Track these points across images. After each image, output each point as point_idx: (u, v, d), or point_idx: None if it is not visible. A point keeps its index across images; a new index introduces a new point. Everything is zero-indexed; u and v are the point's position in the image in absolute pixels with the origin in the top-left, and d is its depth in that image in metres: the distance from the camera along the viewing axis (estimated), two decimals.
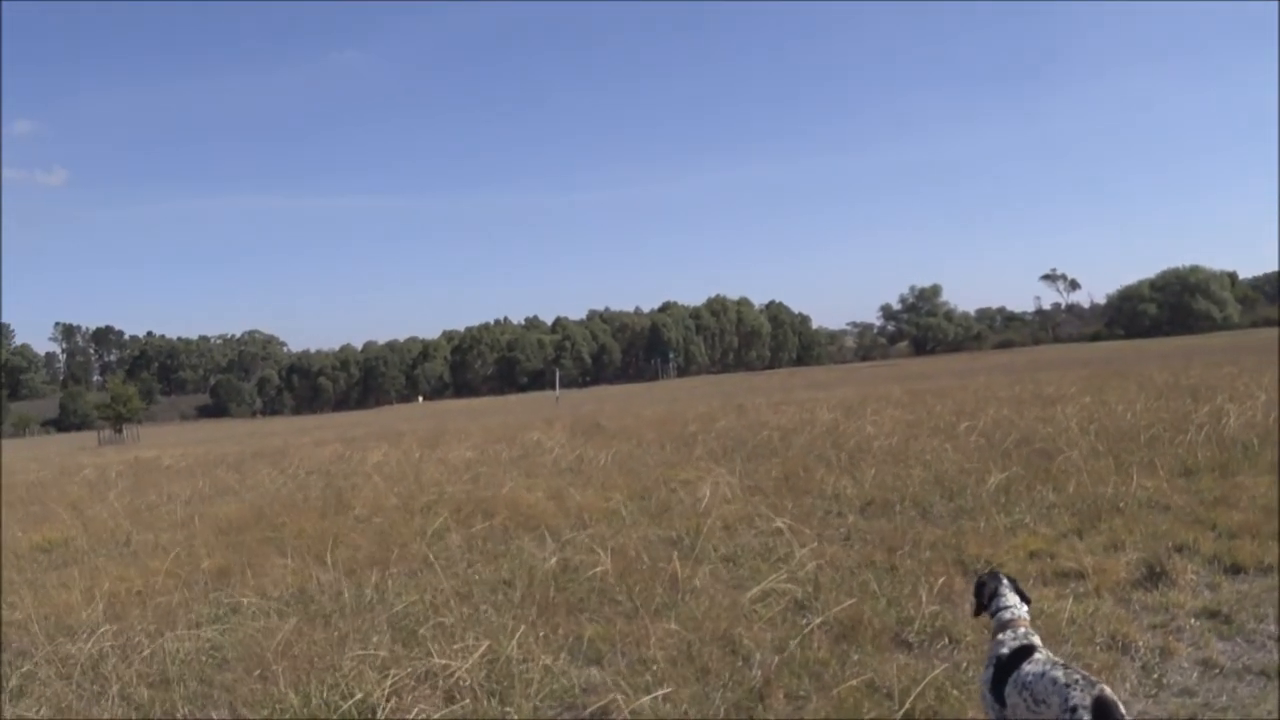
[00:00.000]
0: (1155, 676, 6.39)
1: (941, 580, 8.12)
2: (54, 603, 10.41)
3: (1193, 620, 7.31)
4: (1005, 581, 5.23)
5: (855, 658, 6.84)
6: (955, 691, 6.09)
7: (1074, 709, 4.18)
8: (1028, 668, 4.59)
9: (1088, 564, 8.47)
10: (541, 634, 7.77)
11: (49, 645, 8.56)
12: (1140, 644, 6.85)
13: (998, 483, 12.00)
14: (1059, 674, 4.41)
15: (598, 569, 9.33)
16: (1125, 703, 6.06)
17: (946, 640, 7.08)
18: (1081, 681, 4.28)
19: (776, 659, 6.85)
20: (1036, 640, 4.88)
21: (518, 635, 7.36)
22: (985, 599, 5.25)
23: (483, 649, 7.09)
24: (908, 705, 5.96)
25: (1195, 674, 6.45)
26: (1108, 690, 4.24)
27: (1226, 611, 7.41)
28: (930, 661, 6.67)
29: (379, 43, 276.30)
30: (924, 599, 7.64)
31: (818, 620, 7.43)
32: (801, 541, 9.83)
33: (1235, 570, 8.34)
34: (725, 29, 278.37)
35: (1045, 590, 8.03)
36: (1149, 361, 46.50)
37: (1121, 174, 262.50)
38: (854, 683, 6.32)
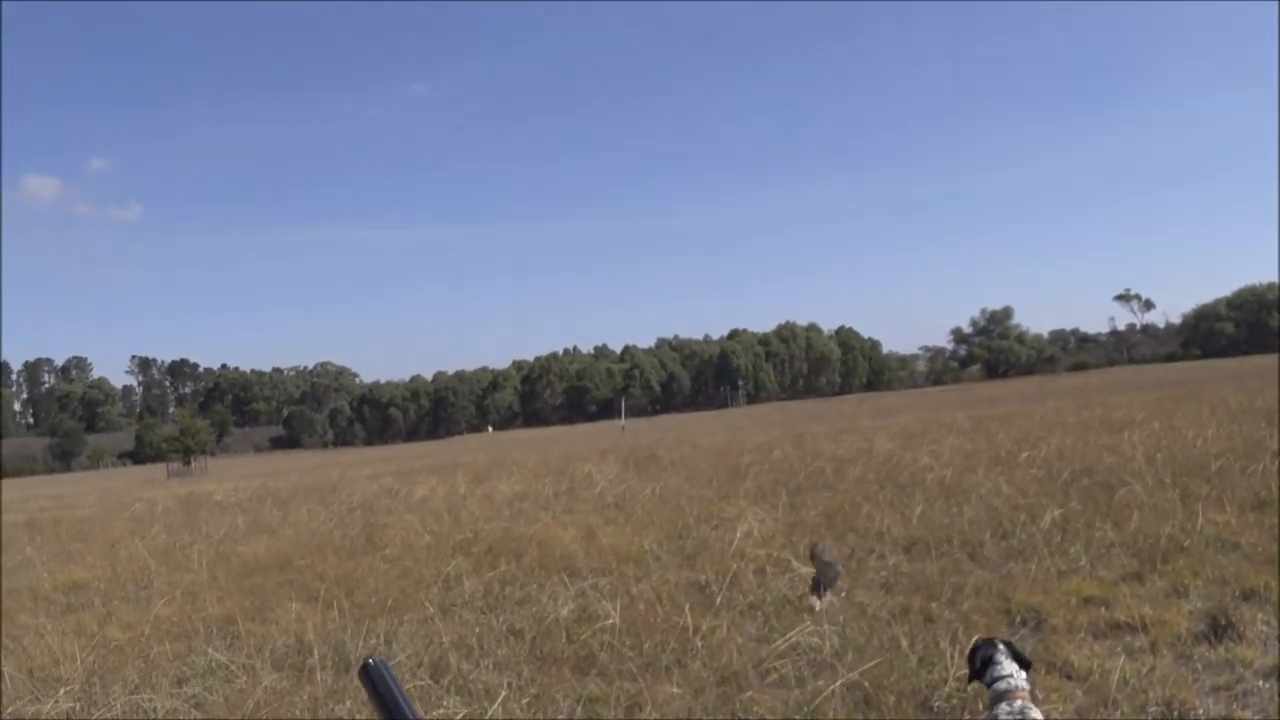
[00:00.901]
0: None
1: (977, 636, 7.36)
2: (49, 652, 9.89)
3: (1260, 682, 6.49)
4: (1001, 647, 4.75)
5: None
6: None
7: None
8: None
9: (1146, 614, 7.65)
10: (534, 693, 7.11)
11: (15, 703, 8.04)
12: (1200, 710, 6.04)
13: (1053, 520, 11.16)
14: None
15: (608, 620, 8.63)
16: None
17: (980, 708, 6.32)
18: None
19: None
20: (1036, 714, 4.37)
21: (500, 699, 6.70)
22: (979, 666, 4.72)
23: (460, 717, 6.44)
24: None
25: None
26: None
27: None
28: None
29: (447, 76, 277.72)
30: (954, 658, 6.86)
31: (837, 683, 6.68)
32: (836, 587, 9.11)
33: None
34: (786, 59, 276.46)
35: (1097, 646, 7.22)
36: (1224, 383, 44.86)
37: (1195, 190, 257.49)
38: None
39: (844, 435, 31.61)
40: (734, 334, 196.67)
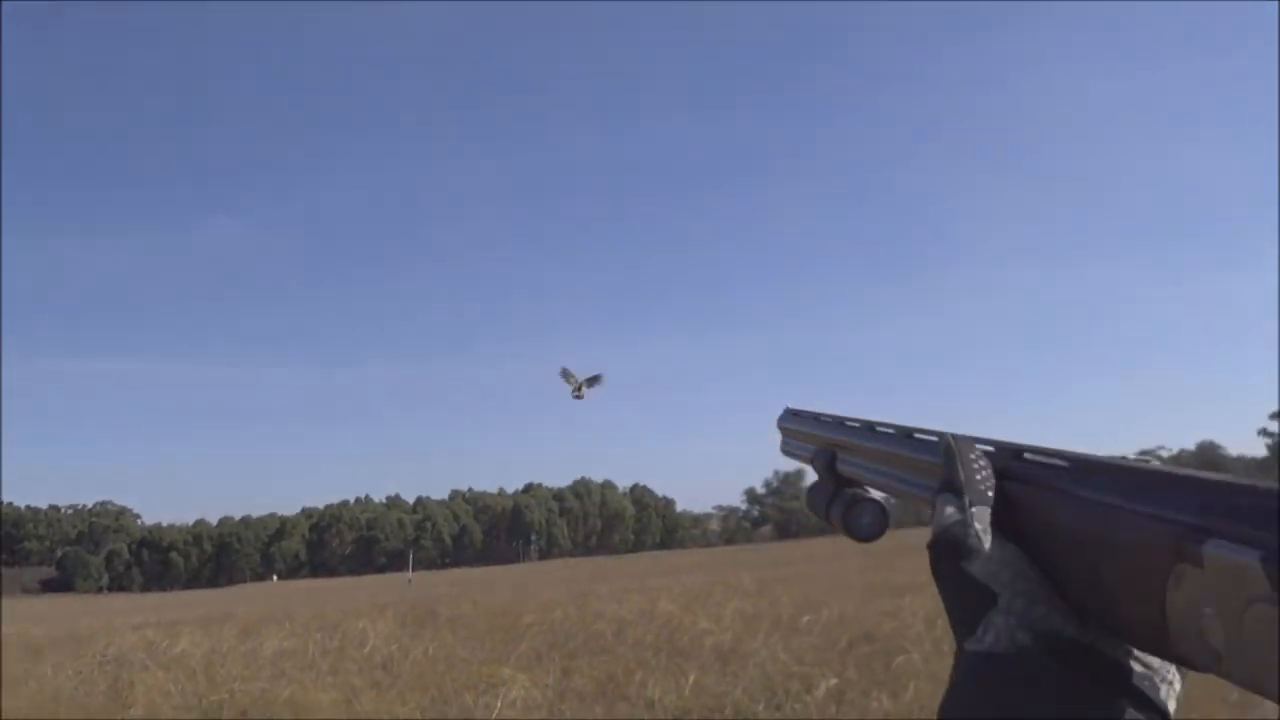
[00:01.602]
0: None
1: None
2: None
3: None
4: None
5: None
6: None
7: None
8: None
9: None
10: None
11: None
12: None
13: (828, 689, 10.76)
14: None
15: None
16: None
17: None
18: None
19: None
20: None
21: None
22: None
23: None
24: None
25: None
26: None
27: None
28: None
29: (250, 210, 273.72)
30: None
31: None
32: None
33: None
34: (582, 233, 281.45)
35: None
36: None
37: (991, 358, 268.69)
38: None
39: (630, 595, 30.97)
40: (529, 488, 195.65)
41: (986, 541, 0.72)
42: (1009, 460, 0.78)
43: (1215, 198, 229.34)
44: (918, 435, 0.98)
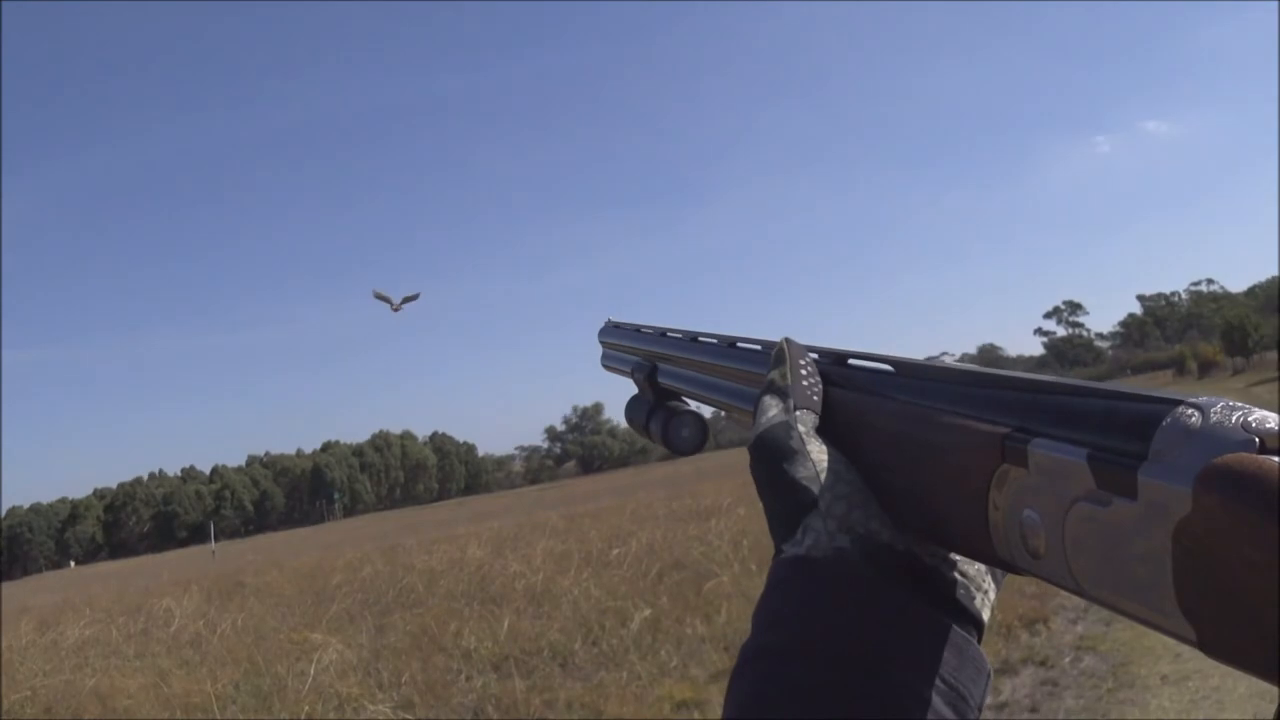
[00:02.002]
0: None
1: None
2: None
3: None
4: None
5: None
6: None
7: None
8: None
9: None
10: None
11: None
12: None
13: (643, 620, 10.86)
14: None
15: None
16: None
17: None
18: None
19: None
20: None
21: None
22: None
23: None
24: None
25: None
26: None
27: None
28: None
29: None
30: None
31: None
32: (419, 718, 8.40)
33: None
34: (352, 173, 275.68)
35: None
36: None
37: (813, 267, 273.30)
38: None
39: (438, 545, 30.77)
40: (327, 446, 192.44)
41: (809, 444, 0.70)
42: (833, 366, 0.77)
43: (980, 117, 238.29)
44: (741, 345, 0.96)
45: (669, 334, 1.20)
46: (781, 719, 0.59)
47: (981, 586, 0.67)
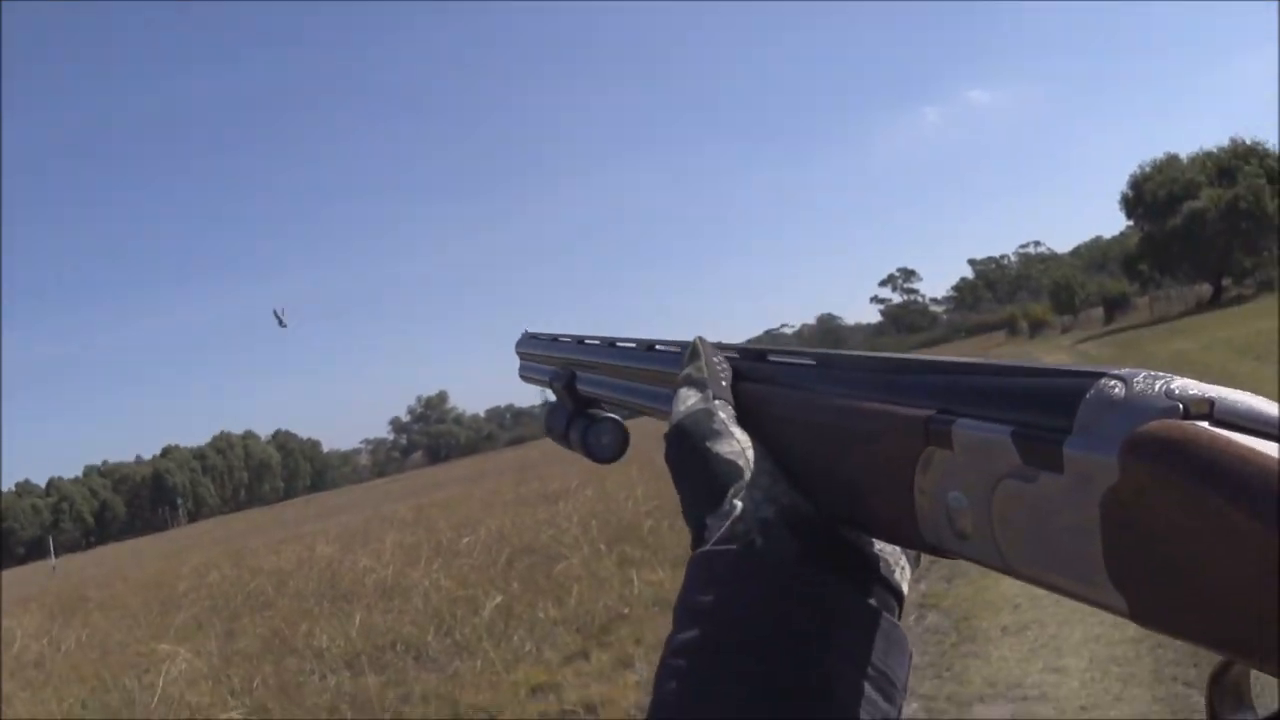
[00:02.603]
0: None
1: None
2: None
3: None
4: None
5: None
6: None
7: None
8: None
9: (594, 694, 7.44)
10: None
11: None
12: None
13: (495, 607, 10.86)
14: None
15: None
16: None
17: None
18: None
19: None
20: None
21: None
22: None
23: None
24: None
25: None
26: None
27: None
28: None
29: None
30: None
31: None
32: None
33: None
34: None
35: None
36: (650, 442, 47.00)
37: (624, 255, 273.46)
38: None
39: (286, 545, 30.28)
40: (167, 451, 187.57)
41: (731, 428, 0.72)
42: (753, 362, 0.79)
43: (811, 93, 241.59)
44: (659, 348, 0.98)
45: (586, 341, 1.21)
46: (714, 717, 0.59)
47: (900, 562, 0.69)
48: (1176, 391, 0.44)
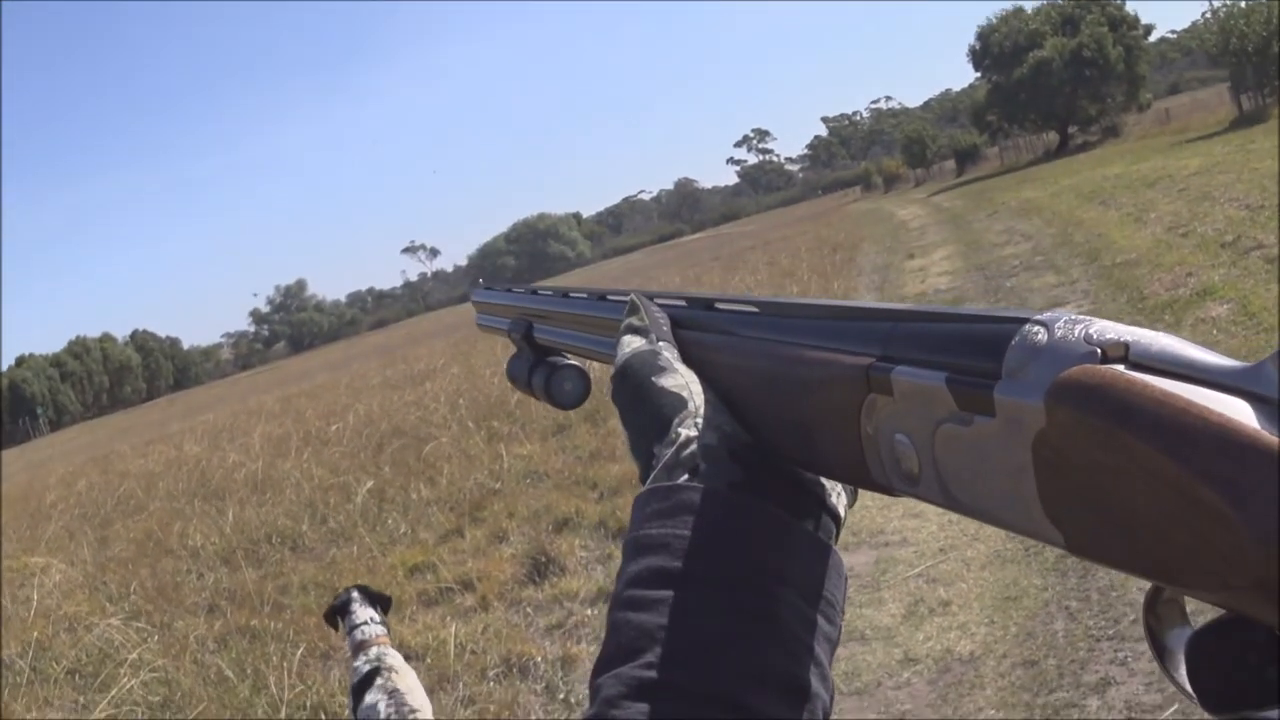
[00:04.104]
0: (562, 698, 5.52)
1: (311, 639, 6.90)
2: None
3: (589, 610, 6.54)
4: (355, 595, 4.68)
5: None
6: None
7: None
8: (367, 698, 4.06)
9: (470, 570, 7.57)
10: None
11: None
12: (539, 659, 5.96)
13: (367, 492, 10.89)
14: (381, 706, 3.97)
15: None
16: None
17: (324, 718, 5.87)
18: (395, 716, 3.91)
19: None
20: (389, 660, 4.26)
21: None
22: (337, 619, 4.65)
23: None
24: None
25: None
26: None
27: None
28: None
29: None
30: (287, 673, 6.35)
31: None
32: (154, 624, 8.29)
33: (620, 534, 7.72)
34: None
35: (430, 617, 7.02)
36: None
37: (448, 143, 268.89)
38: None
39: (153, 446, 29.74)
40: (21, 361, 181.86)
41: (675, 365, 0.75)
42: (699, 311, 0.82)
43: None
44: (610, 298, 1.00)
45: (540, 291, 1.24)
46: (677, 645, 0.60)
47: (836, 489, 0.71)
48: (1095, 336, 0.46)
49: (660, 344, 0.78)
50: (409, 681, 4.20)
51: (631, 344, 0.78)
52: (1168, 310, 9.72)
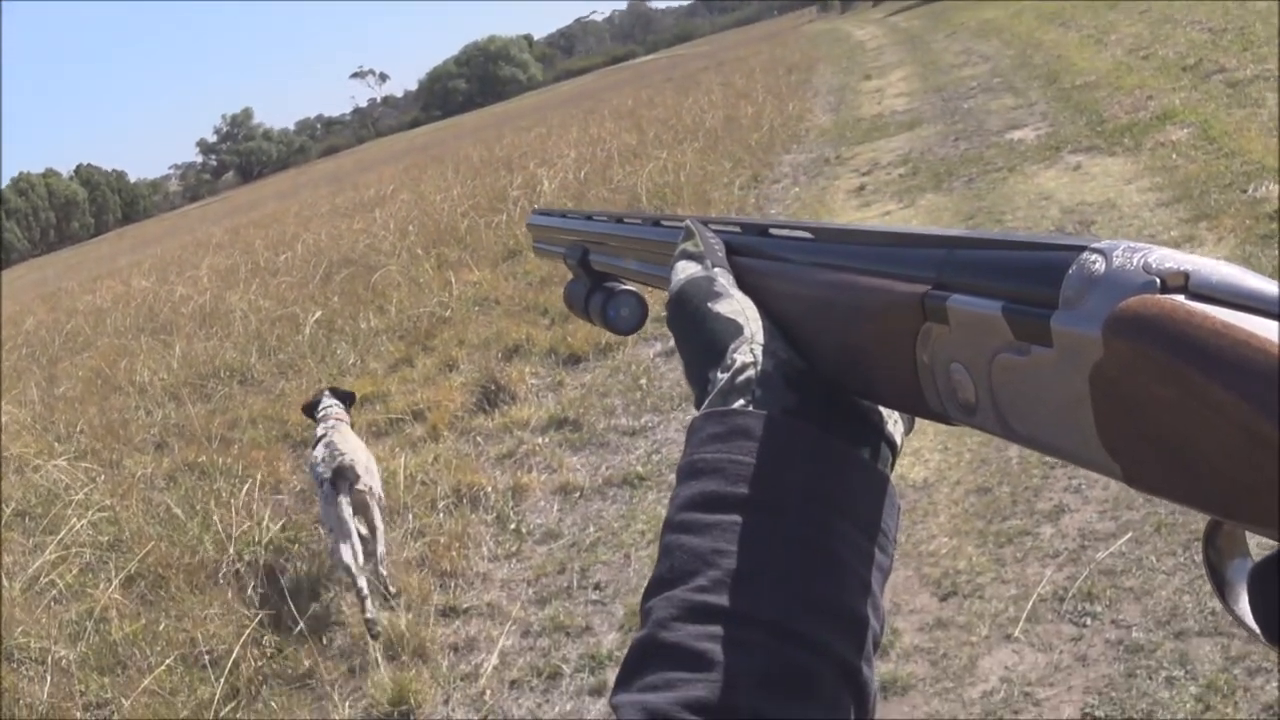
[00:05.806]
0: (513, 528, 5.49)
1: (260, 473, 6.83)
2: None
3: (540, 439, 6.49)
4: (327, 392, 5.73)
5: (163, 625, 5.40)
6: (281, 637, 4.87)
7: (321, 482, 4.90)
8: (313, 452, 5.15)
9: (420, 399, 7.50)
10: None
11: None
12: (490, 489, 5.92)
13: (315, 323, 10.73)
14: (318, 452, 5.04)
15: None
16: (485, 574, 5.14)
17: (275, 555, 5.83)
18: (328, 457, 4.93)
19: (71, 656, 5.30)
20: (333, 424, 5.30)
21: None
22: (314, 413, 5.62)
23: None
24: (228, 672, 4.69)
25: (555, 508, 5.62)
26: (346, 459, 4.90)
27: (573, 416, 6.66)
28: (252, 597, 5.39)
29: None
30: (236, 511, 6.27)
31: (115, 582, 5.90)
32: (102, 463, 8.21)
33: (574, 360, 7.66)
34: None
35: (381, 446, 6.96)
36: (464, 140, 46.23)
37: None
38: (169, 662, 4.94)
39: (101, 282, 29.32)
40: None
41: (731, 290, 0.73)
42: (755, 237, 0.79)
43: None
44: (665, 223, 0.97)
45: (595, 217, 1.21)
46: (723, 572, 0.59)
47: (893, 416, 0.70)
48: (1154, 265, 0.44)
49: (715, 269, 0.76)
50: (345, 435, 5.20)
51: (687, 269, 0.77)
52: (1127, 134, 9.61)
